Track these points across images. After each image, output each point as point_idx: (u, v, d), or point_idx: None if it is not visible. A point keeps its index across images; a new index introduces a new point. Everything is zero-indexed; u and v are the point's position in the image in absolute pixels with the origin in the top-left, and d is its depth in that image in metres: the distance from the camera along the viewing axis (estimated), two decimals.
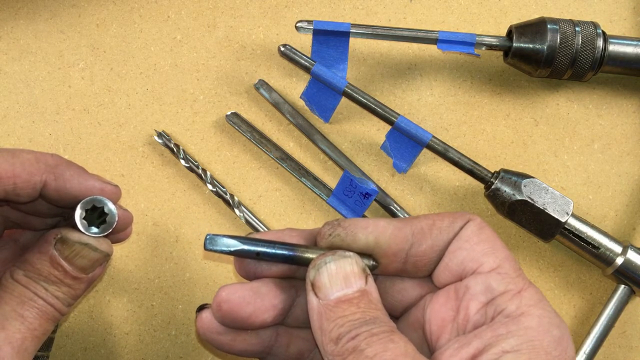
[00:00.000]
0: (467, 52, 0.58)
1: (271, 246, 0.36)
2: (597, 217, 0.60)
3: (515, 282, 0.33)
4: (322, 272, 0.34)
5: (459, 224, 0.36)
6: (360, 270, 0.34)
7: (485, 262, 0.34)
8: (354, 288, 0.33)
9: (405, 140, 0.57)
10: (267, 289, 0.36)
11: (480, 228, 0.35)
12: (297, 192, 0.60)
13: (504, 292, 0.33)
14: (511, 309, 0.32)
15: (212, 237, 0.35)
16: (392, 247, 0.35)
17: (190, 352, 0.57)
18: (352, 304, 0.33)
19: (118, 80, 0.61)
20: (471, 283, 0.34)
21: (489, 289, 0.33)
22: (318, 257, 0.35)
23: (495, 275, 0.34)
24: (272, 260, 0.36)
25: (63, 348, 0.56)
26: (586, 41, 0.58)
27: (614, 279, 0.56)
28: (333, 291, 0.33)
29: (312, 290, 0.34)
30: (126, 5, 0.62)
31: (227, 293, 0.36)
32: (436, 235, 0.36)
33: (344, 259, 0.34)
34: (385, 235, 0.35)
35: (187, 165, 0.58)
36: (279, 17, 0.63)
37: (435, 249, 0.36)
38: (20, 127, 0.59)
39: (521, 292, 0.33)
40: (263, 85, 0.61)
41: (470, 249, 0.35)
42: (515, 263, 0.35)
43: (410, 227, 0.36)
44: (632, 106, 0.63)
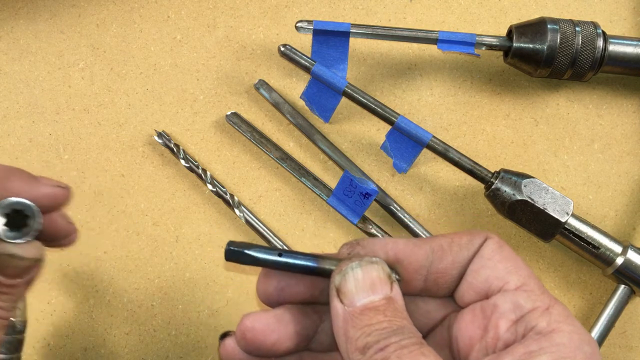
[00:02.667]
0: (467, 52, 0.58)
1: (293, 256, 0.35)
2: (597, 217, 0.60)
3: (542, 299, 0.33)
4: (348, 277, 0.33)
5: (478, 241, 0.36)
6: (386, 276, 0.34)
7: (511, 280, 0.34)
8: (380, 295, 0.33)
9: (405, 140, 0.57)
10: (290, 316, 0.36)
11: (500, 246, 0.35)
12: (297, 192, 0.60)
13: (533, 309, 0.33)
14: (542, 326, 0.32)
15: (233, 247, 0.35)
16: (413, 264, 0.35)
17: (190, 352, 0.57)
18: (379, 311, 0.32)
19: (118, 80, 0.61)
20: (499, 301, 0.34)
21: (517, 306, 0.33)
22: (344, 263, 0.34)
23: (522, 293, 0.34)
24: (294, 270, 0.35)
25: (63, 348, 0.56)
26: (586, 41, 0.58)
27: (614, 279, 0.56)
28: (359, 297, 0.33)
29: (337, 296, 0.33)
30: (126, 5, 0.62)
31: (251, 321, 0.35)
32: (456, 252, 0.36)
33: (371, 264, 0.34)
34: (404, 252, 0.35)
35: (187, 165, 0.58)
36: (279, 17, 0.63)
37: (456, 265, 0.36)
38: (20, 127, 0.59)
39: (549, 309, 0.33)
40: (263, 85, 0.61)
41: (493, 267, 0.35)
42: (539, 280, 0.35)
43: (430, 245, 0.36)
44: (632, 106, 0.63)
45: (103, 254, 0.58)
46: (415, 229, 0.59)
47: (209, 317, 0.57)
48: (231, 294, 0.58)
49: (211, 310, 0.57)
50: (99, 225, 0.58)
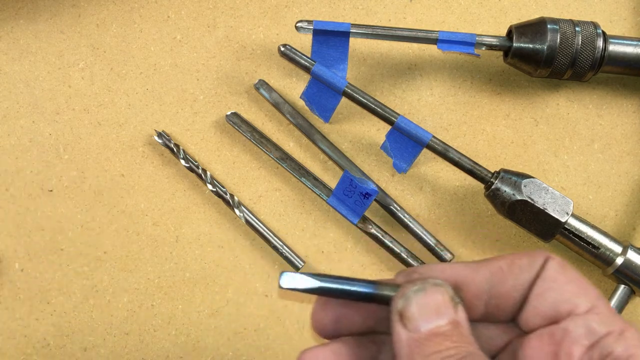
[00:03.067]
0: (467, 52, 0.58)
1: (350, 283, 0.34)
2: (597, 217, 0.60)
3: (615, 321, 0.32)
4: (411, 302, 0.32)
5: (539, 262, 0.34)
6: (450, 299, 0.33)
7: (580, 303, 0.33)
8: (445, 319, 0.32)
9: (405, 140, 0.57)
10: (348, 349, 0.35)
11: (564, 267, 0.34)
12: (297, 192, 0.60)
13: (607, 333, 0.32)
14: (619, 351, 0.31)
15: (287, 275, 0.34)
16: (472, 289, 0.34)
17: (190, 352, 0.57)
18: (446, 337, 0.31)
19: (118, 80, 0.61)
20: (570, 326, 0.32)
21: (591, 331, 0.32)
22: (406, 287, 0.33)
23: (594, 316, 0.32)
24: (351, 297, 0.34)
25: (63, 348, 0.56)
26: (586, 41, 0.58)
27: (614, 279, 0.56)
28: (424, 323, 0.32)
29: (400, 321, 0.32)
30: (126, 5, 0.62)
31: (310, 357, 0.35)
32: (517, 275, 0.34)
33: (435, 287, 0.33)
34: (463, 277, 0.34)
35: (187, 165, 0.58)
36: (279, 17, 0.63)
37: (518, 288, 0.34)
38: (20, 127, 0.59)
39: (624, 332, 0.32)
40: (263, 85, 0.61)
41: (559, 289, 0.33)
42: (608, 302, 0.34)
43: (489, 268, 0.34)
44: (632, 106, 0.63)
45: (103, 254, 0.58)
46: (415, 229, 0.59)
47: (209, 317, 0.57)
48: (231, 294, 0.58)
49: (211, 310, 0.57)
50: (99, 225, 0.58)
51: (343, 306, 0.35)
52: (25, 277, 0.57)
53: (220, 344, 0.57)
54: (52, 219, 0.58)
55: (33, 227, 0.58)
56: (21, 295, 0.57)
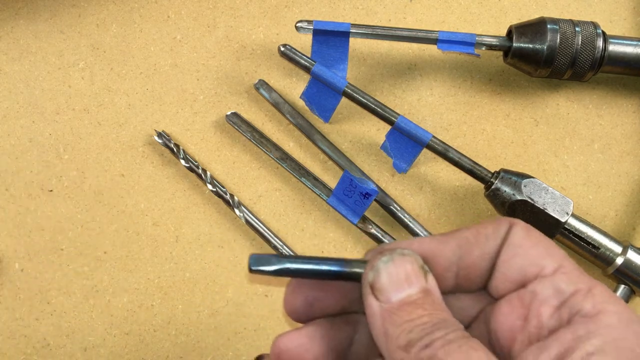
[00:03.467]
0: (467, 52, 0.58)
1: (319, 263, 0.34)
2: (597, 217, 0.60)
3: (582, 280, 0.32)
4: (381, 272, 0.32)
5: (504, 229, 0.34)
6: (419, 268, 0.32)
7: (546, 265, 0.33)
8: (416, 288, 0.32)
9: (405, 140, 0.57)
10: (323, 331, 0.35)
11: (528, 231, 0.34)
12: (297, 192, 0.60)
13: (575, 292, 0.32)
14: (587, 308, 0.31)
15: (257, 256, 0.33)
16: (441, 261, 0.34)
17: (190, 352, 0.57)
18: (417, 305, 0.31)
19: (118, 80, 0.61)
20: (538, 287, 0.32)
21: (558, 291, 0.32)
22: (375, 259, 0.33)
23: (561, 276, 0.32)
24: (322, 277, 0.34)
25: (63, 348, 0.56)
26: (586, 41, 0.58)
27: (614, 279, 0.56)
28: (395, 292, 0.32)
29: (371, 294, 0.32)
30: (126, 5, 0.62)
31: (284, 343, 0.34)
32: (483, 243, 0.34)
33: (403, 257, 0.33)
34: (431, 250, 0.34)
35: (187, 165, 0.58)
36: (279, 17, 0.63)
37: (485, 257, 0.34)
38: (20, 127, 0.59)
39: (592, 290, 0.31)
40: (263, 85, 0.61)
41: (525, 253, 0.33)
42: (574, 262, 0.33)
43: (455, 239, 0.34)
44: (632, 106, 0.63)
45: (103, 254, 0.58)
46: (415, 229, 0.59)
47: (209, 317, 0.57)
48: (231, 294, 0.58)
49: (211, 310, 0.57)
50: (99, 225, 0.58)
51: (315, 288, 0.35)
52: (25, 277, 0.57)
53: (220, 344, 0.57)
54: (52, 219, 0.58)
55: (33, 227, 0.58)
56: (21, 295, 0.57)
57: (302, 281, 0.35)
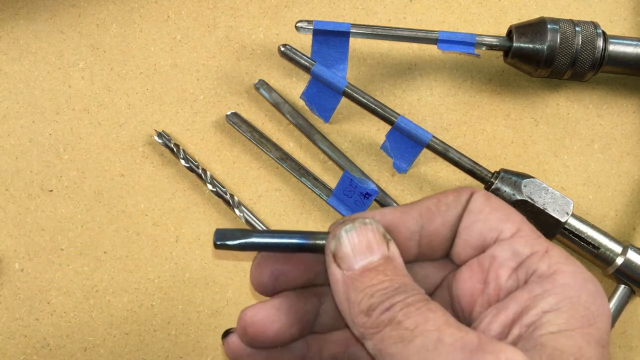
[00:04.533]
0: (467, 52, 0.58)
1: (283, 236, 0.34)
2: (597, 217, 0.60)
3: (539, 242, 0.33)
4: (343, 240, 0.32)
5: (465, 197, 0.35)
6: (381, 236, 0.33)
7: (505, 229, 0.34)
8: (378, 255, 0.32)
9: (405, 140, 0.57)
10: (289, 303, 0.35)
11: (488, 198, 0.35)
12: (297, 192, 0.60)
13: (532, 253, 0.32)
14: (543, 269, 0.31)
15: (222, 231, 0.33)
16: (403, 231, 0.35)
17: (190, 352, 0.57)
18: (379, 271, 0.31)
19: (118, 80, 0.61)
20: (496, 251, 0.33)
21: (515, 253, 0.33)
22: (337, 227, 0.33)
23: (518, 239, 0.33)
24: (287, 249, 0.34)
25: (63, 348, 0.56)
26: (586, 41, 0.58)
27: (614, 279, 0.56)
28: (357, 260, 0.32)
29: (334, 262, 0.32)
30: (126, 5, 0.62)
31: (250, 315, 0.35)
32: (444, 212, 0.35)
33: (364, 225, 0.33)
34: (393, 220, 0.35)
35: (187, 165, 0.58)
36: (279, 17, 0.63)
37: (446, 225, 0.35)
38: (20, 127, 0.59)
39: (548, 251, 0.32)
40: (263, 85, 0.61)
41: (484, 219, 0.34)
42: (532, 226, 0.34)
43: (417, 209, 0.35)
44: (632, 106, 0.63)
45: (103, 254, 0.58)
46: None
47: (209, 317, 0.57)
48: (231, 294, 0.58)
49: (211, 310, 0.57)
50: (99, 225, 0.58)
51: (280, 262, 0.35)
52: (25, 277, 0.57)
53: (220, 344, 0.57)
54: (52, 219, 0.58)
55: (33, 227, 0.58)
56: (21, 295, 0.57)
57: (267, 255, 0.35)
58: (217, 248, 0.33)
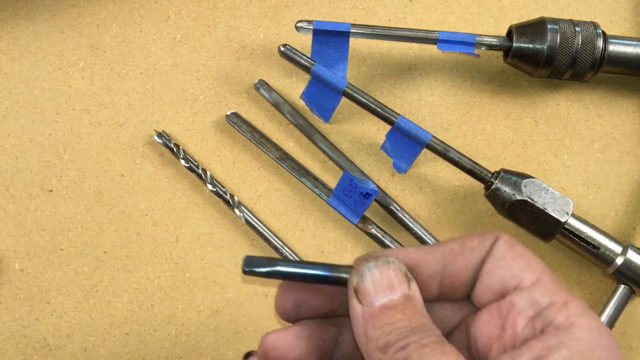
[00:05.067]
0: (467, 52, 0.58)
1: (308, 267, 0.35)
2: (597, 217, 0.60)
3: (559, 293, 0.33)
4: (365, 277, 0.34)
5: (489, 242, 0.36)
6: (402, 275, 0.34)
7: (525, 277, 0.34)
8: (398, 293, 0.33)
9: (405, 140, 0.57)
10: (309, 331, 0.36)
11: (512, 245, 0.35)
12: (297, 192, 0.60)
13: (550, 304, 0.33)
14: (560, 320, 0.32)
15: (250, 258, 0.35)
16: (425, 270, 0.35)
17: (190, 352, 0.57)
18: (398, 310, 0.33)
19: (118, 80, 0.61)
20: (515, 299, 0.34)
21: (534, 302, 0.33)
22: (360, 264, 0.34)
23: (538, 289, 0.34)
24: (311, 280, 0.35)
25: (63, 348, 0.56)
26: (586, 41, 0.58)
27: (614, 279, 0.56)
28: (378, 297, 0.33)
29: (355, 297, 0.34)
30: (126, 5, 0.62)
31: (272, 340, 0.36)
32: (468, 255, 0.36)
33: (387, 264, 0.34)
34: (416, 259, 0.35)
35: (187, 165, 0.58)
36: (279, 17, 0.63)
37: (469, 267, 0.36)
38: (20, 127, 0.59)
39: (567, 303, 0.33)
40: (263, 85, 0.61)
41: (507, 266, 0.35)
42: (553, 275, 0.35)
43: (441, 250, 0.36)
44: (632, 106, 0.63)
45: (103, 254, 0.58)
46: (415, 229, 0.59)
47: (209, 317, 0.57)
48: (231, 294, 0.58)
49: (211, 310, 0.57)
50: (99, 225, 0.58)
51: (304, 291, 0.36)
52: (25, 277, 0.57)
53: (220, 344, 0.57)
54: (52, 219, 0.58)
55: (33, 227, 0.58)
56: (21, 295, 0.57)
57: (292, 283, 0.37)
58: (246, 274, 0.35)
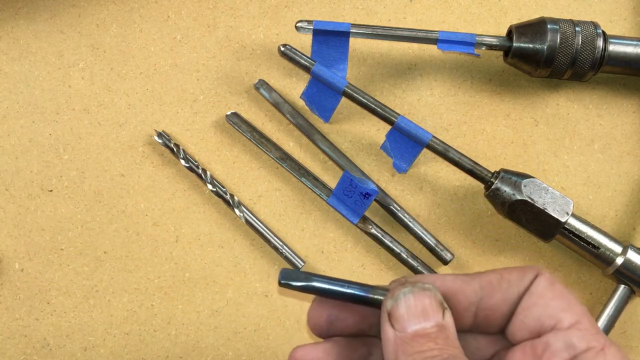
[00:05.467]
0: (467, 52, 0.58)
1: (343, 285, 0.35)
2: (597, 217, 0.60)
3: (597, 339, 0.33)
4: (400, 303, 0.33)
5: (529, 278, 0.35)
6: (438, 304, 0.34)
7: (564, 318, 0.34)
8: (432, 322, 0.33)
9: (405, 140, 0.57)
10: (339, 349, 0.36)
11: (552, 283, 0.35)
12: (297, 192, 0.60)
13: (587, 349, 0.32)
14: None
15: (287, 271, 0.36)
16: (462, 301, 0.35)
17: (190, 352, 0.57)
18: (430, 338, 0.32)
19: (118, 80, 0.61)
20: (551, 339, 0.33)
21: (570, 345, 0.33)
22: (396, 288, 0.34)
23: (576, 332, 0.33)
24: (345, 298, 0.36)
25: (63, 348, 0.56)
26: (586, 41, 0.58)
27: (614, 279, 0.56)
28: (411, 324, 0.33)
29: (388, 321, 0.33)
30: (126, 5, 0.62)
31: (301, 355, 0.36)
32: (506, 289, 0.35)
33: (423, 291, 0.34)
34: (453, 288, 0.35)
35: (187, 165, 0.58)
36: (279, 17, 0.63)
37: (506, 302, 0.35)
38: (20, 127, 0.59)
39: (604, 349, 0.32)
40: (263, 85, 0.61)
41: (545, 304, 0.34)
42: (592, 319, 0.34)
43: (479, 281, 0.35)
44: (632, 106, 0.63)
45: (103, 254, 0.58)
46: (415, 229, 0.59)
47: (209, 317, 0.57)
48: (231, 294, 0.58)
49: (211, 310, 0.57)
50: (99, 225, 0.58)
51: (337, 308, 0.36)
52: (25, 277, 0.57)
53: (220, 344, 0.57)
54: (52, 219, 0.58)
55: (33, 227, 0.58)
56: (21, 295, 0.57)
57: (326, 299, 0.36)
58: (281, 286, 0.36)
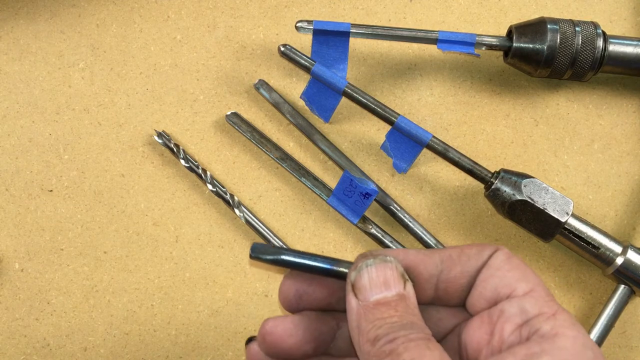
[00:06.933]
0: (467, 52, 0.58)
1: (311, 258, 0.37)
2: (597, 217, 0.60)
3: (549, 305, 0.34)
4: (363, 274, 0.35)
5: (487, 253, 0.37)
6: (399, 275, 0.35)
7: (519, 287, 0.35)
8: (393, 292, 0.35)
9: (405, 140, 0.57)
10: (308, 321, 0.38)
11: (509, 257, 0.37)
12: (297, 192, 0.60)
13: (539, 314, 0.34)
14: (546, 329, 0.33)
15: (257, 245, 0.37)
16: (423, 273, 0.37)
17: (190, 352, 0.57)
18: (390, 307, 0.34)
19: (118, 80, 0.61)
20: (505, 306, 0.35)
21: (523, 311, 0.34)
22: (359, 260, 0.36)
23: (529, 299, 0.35)
24: (312, 271, 0.37)
25: (63, 348, 0.56)
26: (586, 41, 0.58)
27: (614, 279, 0.56)
28: (372, 293, 0.35)
29: (352, 291, 0.35)
30: (126, 5, 0.63)
31: (270, 326, 0.38)
32: (465, 262, 0.37)
33: (385, 263, 0.35)
34: (415, 261, 0.37)
35: (187, 165, 0.58)
36: (279, 17, 0.63)
37: (465, 275, 0.37)
38: (20, 127, 0.59)
39: (555, 315, 0.34)
40: (263, 85, 0.61)
41: (502, 276, 0.36)
42: (547, 288, 0.36)
43: (439, 255, 0.37)
44: (632, 106, 0.63)
45: (103, 254, 0.58)
46: (415, 229, 0.59)
47: (209, 317, 0.57)
48: (231, 294, 0.58)
49: (211, 310, 0.57)
50: (99, 225, 0.58)
51: (307, 282, 0.38)
52: (25, 277, 0.57)
53: (220, 344, 0.57)
54: (52, 219, 0.58)
55: (33, 227, 0.58)
56: (21, 295, 0.57)
57: (295, 274, 0.38)
58: (252, 259, 0.37)
